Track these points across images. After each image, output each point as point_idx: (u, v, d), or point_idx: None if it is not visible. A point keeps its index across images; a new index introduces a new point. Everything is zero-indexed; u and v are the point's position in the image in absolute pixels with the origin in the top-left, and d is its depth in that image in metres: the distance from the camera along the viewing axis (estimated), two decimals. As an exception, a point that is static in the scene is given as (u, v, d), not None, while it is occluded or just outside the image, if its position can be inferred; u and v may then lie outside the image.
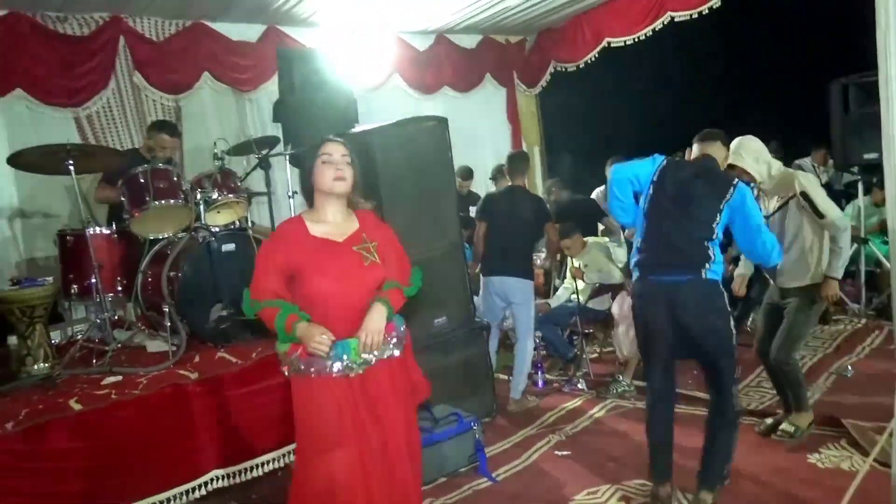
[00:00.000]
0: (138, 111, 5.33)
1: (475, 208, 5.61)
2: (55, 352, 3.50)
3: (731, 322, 2.94)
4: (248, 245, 3.65)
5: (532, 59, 8.07)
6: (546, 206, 4.84)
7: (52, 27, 4.93)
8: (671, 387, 3.11)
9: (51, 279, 3.54)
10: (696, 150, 3.20)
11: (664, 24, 6.52)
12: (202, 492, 3.14)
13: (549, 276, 6.05)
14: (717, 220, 2.92)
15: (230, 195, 3.86)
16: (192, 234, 3.67)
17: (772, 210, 3.60)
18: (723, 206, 2.91)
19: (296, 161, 4.35)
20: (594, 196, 6.35)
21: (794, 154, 7.33)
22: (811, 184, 3.47)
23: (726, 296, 2.96)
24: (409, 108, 6.62)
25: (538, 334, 4.90)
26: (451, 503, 3.28)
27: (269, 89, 5.87)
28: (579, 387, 4.71)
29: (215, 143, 3.96)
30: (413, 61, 7.06)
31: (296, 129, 4.70)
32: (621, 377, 4.55)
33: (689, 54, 7.54)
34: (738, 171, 3.39)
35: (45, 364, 3.38)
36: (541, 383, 4.84)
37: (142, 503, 2.92)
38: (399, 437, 2.41)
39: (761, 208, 3.59)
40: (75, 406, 2.83)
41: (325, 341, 2.20)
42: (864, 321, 5.60)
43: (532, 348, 4.59)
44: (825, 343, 5.15)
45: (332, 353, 2.22)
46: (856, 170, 6.10)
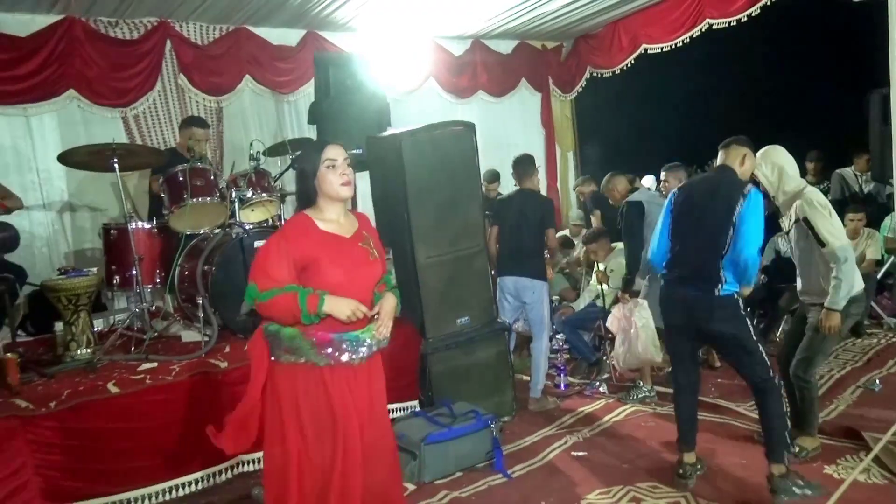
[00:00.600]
0: (182, 112, 5.59)
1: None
2: (97, 338, 3.73)
3: (749, 324, 3.12)
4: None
5: (568, 65, 8.13)
6: (552, 210, 4.88)
7: (103, 31, 5.21)
8: (695, 380, 3.46)
9: (95, 270, 3.78)
10: (719, 159, 3.28)
11: (702, 31, 6.52)
12: (228, 475, 3.31)
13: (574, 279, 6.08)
14: (731, 234, 3.02)
15: (263, 194, 4.03)
16: (227, 230, 3.85)
17: (787, 228, 3.55)
18: (735, 218, 3.02)
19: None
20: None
21: (837, 164, 7.21)
22: (814, 210, 3.32)
23: (741, 303, 3.11)
24: (444, 112, 6.76)
25: (561, 337, 4.95)
26: (464, 496, 3.37)
27: (308, 92, 6.07)
28: (601, 390, 4.75)
29: (251, 144, 4.15)
30: (448, 66, 7.19)
31: (330, 131, 4.85)
32: (641, 383, 4.58)
33: (726, 62, 7.47)
34: (754, 178, 3.42)
35: (88, 350, 3.62)
36: (563, 385, 4.89)
37: (172, 482, 3.13)
38: (385, 428, 2.53)
39: (781, 223, 3.60)
40: (113, 389, 3.03)
41: (360, 305, 2.26)
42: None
43: (547, 347, 4.63)
44: (855, 356, 5.08)
45: (344, 345, 2.31)
46: (894, 181, 5.99)
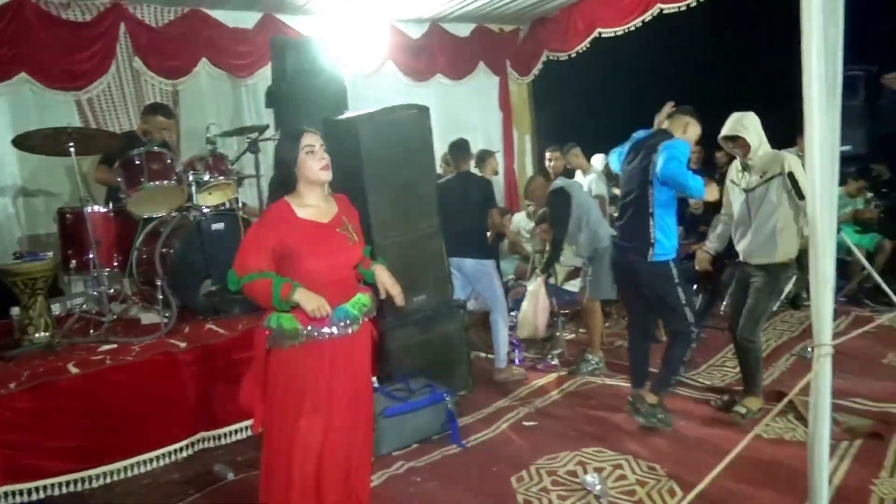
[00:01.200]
0: (137, 95, 5.54)
1: None
2: (55, 322, 3.76)
3: (678, 289, 3.56)
4: (236, 224, 3.89)
5: (525, 48, 8.22)
6: (492, 191, 5.04)
7: (55, 13, 5.14)
8: (647, 332, 4.02)
9: (51, 254, 3.80)
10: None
11: (653, 15, 6.68)
12: (190, 451, 3.41)
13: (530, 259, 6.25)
14: (651, 192, 3.35)
15: (221, 177, 4.09)
16: (184, 213, 3.90)
17: (753, 185, 3.71)
18: (651, 175, 3.40)
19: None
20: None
21: (781, 146, 7.49)
22: (798, 166, 3.55)
23: (674, 270, 3.55)
24: (403, 95, 6.78)
25: (515, 313, 5.14)
26: (420, 466, 3.52)
27: (265, 75, 6.04)
28: (553, 364, 4.95)
29: (208, 128, 4.18)
30: (407, 49, 7.23)
31: (287, 115, 4.92)
32: (590, 356, 4.78)
33: (677, 45, 7.67)
34: (739, 143, 3.68)
35: (46, 333, 3.66)
36: (518, 360, 5.07)
37: (134, 460, 3.21)
38: (369, 400, 2.66)
39: (742, 182, 3.79)
40: (73, 370, 3.10)
41: (326, 304, 2.36)
42: (833, 307, 5.79)
43: (505, 319, 4.81)
44: (792, 327, 5.37)
45: (333, 317, 2.43)
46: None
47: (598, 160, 6.40)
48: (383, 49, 7.06)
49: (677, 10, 6.44)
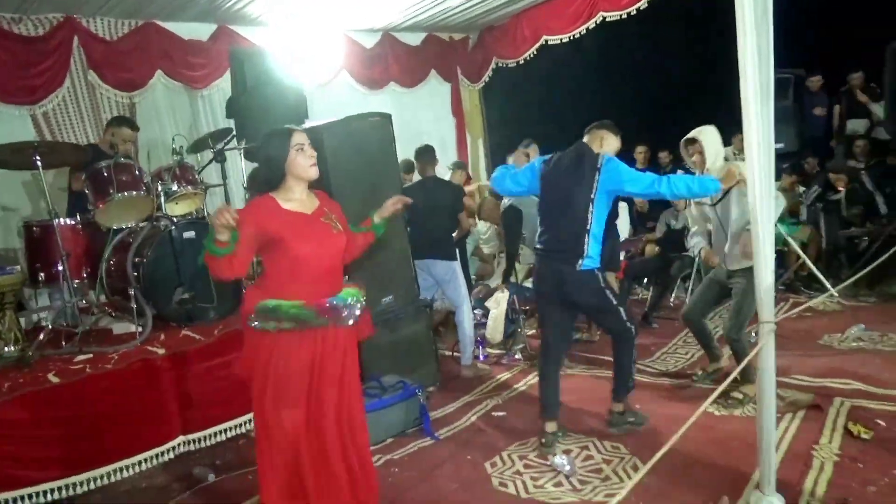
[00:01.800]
0: (93, 108, 5.55)
1: None
2: (25, 336, 3.76)
3: (608, 294, 3.53)
4: (206, 232, 3.94)
5: (475, 56, 8.47)
6: (460, 195, 5.30)
7: (7, 28, 5.10)
8: (560, 353, 3.85)
9: (18, 267, 3.80)
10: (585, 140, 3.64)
11: (597, 23, 6.99)
12: (170, 455, 3.46)
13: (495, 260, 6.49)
14: (591, 208, 3.39)
15: (189, 187, 4.15)
16: (154, 223, 3.95)
17: (716, 199, 3.98)
18: (594, 192, 3.38)
19: (250, 155, 4.64)
20: None
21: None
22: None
23: (601, 276, 3.52)
24: (358, 103, 6.92)
25: (479, 312, 5.33)
26: (397, 458, 3.67)
27: (221, 86, 6.14)
28: (516, 358, 5.16)
29: (174, 139, 4.24)
30: (360, 58, 7.38)
31: (249, 125, 4.97)
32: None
33: (620, 51, 8.02)
34: (697, 149, 3.94)
35: (16, 347, 3.65)
36: (482, 356, 5.26)
37: (115, 465, 3.25)
38: (357, 391, 2.78)
39: (707, 198, 4.02)
40: (54, 379, 3.13)
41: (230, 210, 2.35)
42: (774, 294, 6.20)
43: (470, 318, 5.00)
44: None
45: (339, 307, 2.56)
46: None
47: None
48: (338, 59, 7.19)
49: (619, 17, 6.76)
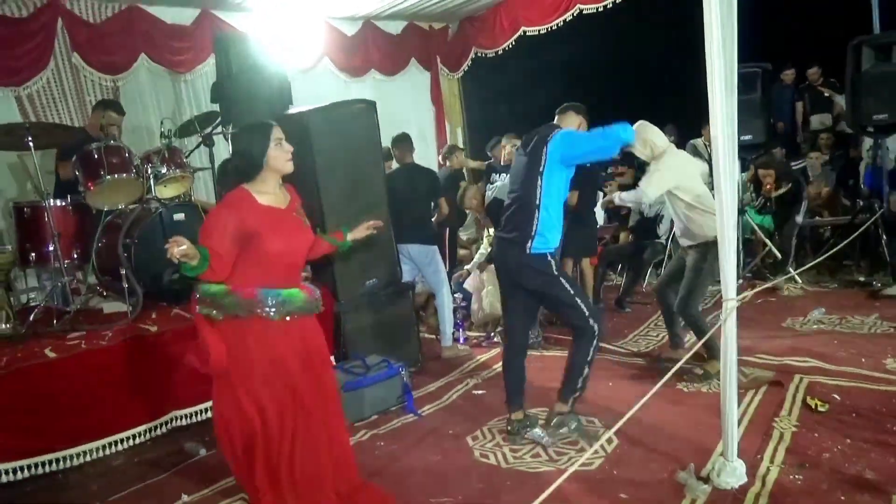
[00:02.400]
0: (77, 91, 5.57)
1: None
2: (16, 314, 3.83)
3: (562, 281, 3.38)
4: (195, 214, 4.05)
5: (454, 45, 8.58)
6: (438, 181, 5.46)
7: (-9, 9, 5.11)
8: (524, 342, 3.72)
9: (10, 247, 3.87)
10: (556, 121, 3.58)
11: (573, 15, 7.16)
12: (163, 430, 3.58)
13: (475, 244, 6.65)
14: (539, 182, 3.26)
15: (178, 170, 4.24)
16: (144, 205, 4.04)
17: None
18: (542, 166, 3.26)
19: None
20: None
21: (691, 135, 8.17)
22: (663, 163, 4.17)
23: (553, 262, 3.38)
24: (340, 91, 7.02)
25: (458, 296, 5.50)
26: (382, 433, 3.82)
27: (204, 71, 6.20)
28: (496, 340, 5.34)
29: (162, 122, 4.32)
30: (342, 46, 7.45)
31: (234, 110, 5.05)
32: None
33: (596, 43, 8.22)
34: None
35: (7, 325, 3.73)
36: (462, 339, 5.43)
37: (109, 439, 3.36)
38: (331, 376, 2.90)
39: None
40: (51, 354, 3.22)
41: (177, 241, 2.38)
42: (740, 281, 6.48)
43: (449, 300, 5.18)
44: (706, 300, 5.96)
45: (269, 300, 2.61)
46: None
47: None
48: (319, 46, 7.26)
49: (596, 10, 6.92)
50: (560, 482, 2.45)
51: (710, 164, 7.31)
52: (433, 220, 5.55)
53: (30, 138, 3.63)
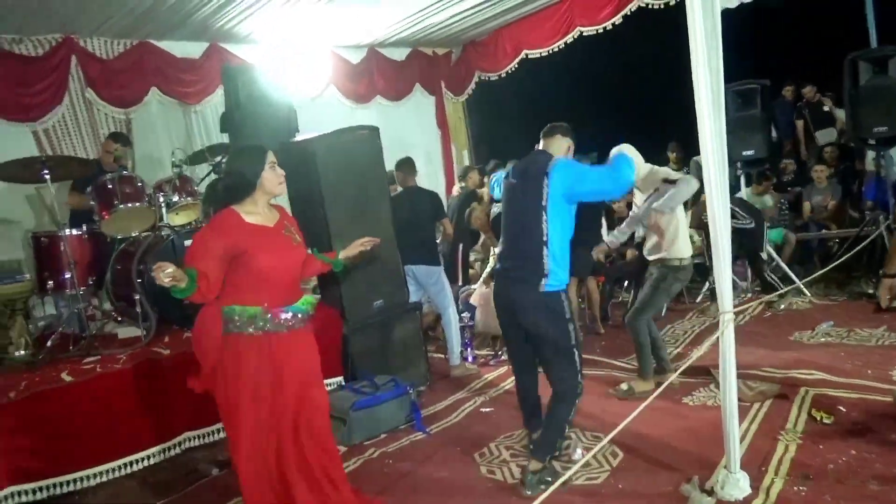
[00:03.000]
0: (91, 124, 5.75)
1: None
2: (34, 341, 3.95)
3: (570, 327, 3.14)
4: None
5: (458, 70, 8.74)
6: (441, 203, 5.55)
7: (7, 48, 5.30)
8: (533, 367, 3.47)
9: (28, 276, 3.99)
10: (541, 145, 3.37)
11: (574, 37, 7.29)
12: (177, 450, 3.66)
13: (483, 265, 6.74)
14: (544, 218, 3.05)
15: (189, 198, 4.36)
16: (156, 232, 4.16)
17: (641, 203, 4.35)
18: (545, 200, 3.05)
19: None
20: None
21: (694, 152, 8.24)
22: (666, 171, 4.33)
23: (566, 304, 3.15)
24: (346, 117, 7.18)
25: (466, 315, 5.57)
26: (390, 451, 3.87)
27: (213, 102, 6.37)
28: (503, 358, 5.38)
29: (173, 153, 4.46)
30: (347, 73, 7.62)
31: (243, 139, 5.20)
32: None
33: (597, 64, 8.36)
34: None
35: (26, 351, 3.84)
36: (470, 358, 5.48)
37: (124, 460, 3.44)
38: (321, 389, 2.92)
39: (637, 201, 4.37)
40: (67, 378, 3.32)
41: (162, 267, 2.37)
42: (749, 294, 6.51)
43: (456, 319, 5.24)
44: (713, 316, 5.98)
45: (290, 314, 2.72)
46: (739, 165, 7.01)
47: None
48: (325, 74, 7.42)
49: (596, 32, 7.06)
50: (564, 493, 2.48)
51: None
52: (437, 241, 5.63)
53: (46, 171, 3.77)
